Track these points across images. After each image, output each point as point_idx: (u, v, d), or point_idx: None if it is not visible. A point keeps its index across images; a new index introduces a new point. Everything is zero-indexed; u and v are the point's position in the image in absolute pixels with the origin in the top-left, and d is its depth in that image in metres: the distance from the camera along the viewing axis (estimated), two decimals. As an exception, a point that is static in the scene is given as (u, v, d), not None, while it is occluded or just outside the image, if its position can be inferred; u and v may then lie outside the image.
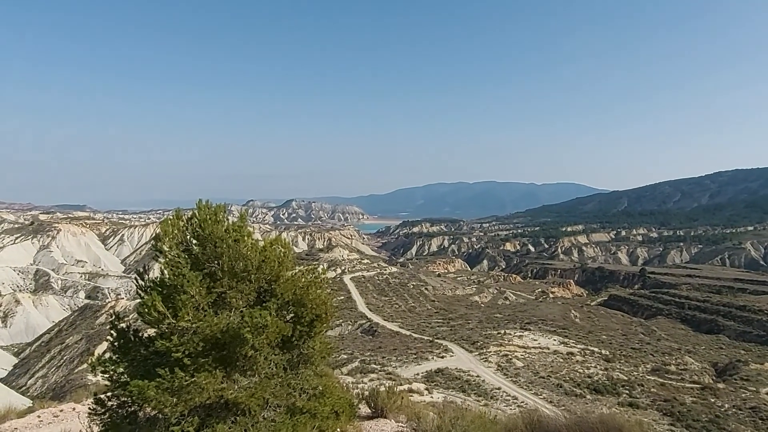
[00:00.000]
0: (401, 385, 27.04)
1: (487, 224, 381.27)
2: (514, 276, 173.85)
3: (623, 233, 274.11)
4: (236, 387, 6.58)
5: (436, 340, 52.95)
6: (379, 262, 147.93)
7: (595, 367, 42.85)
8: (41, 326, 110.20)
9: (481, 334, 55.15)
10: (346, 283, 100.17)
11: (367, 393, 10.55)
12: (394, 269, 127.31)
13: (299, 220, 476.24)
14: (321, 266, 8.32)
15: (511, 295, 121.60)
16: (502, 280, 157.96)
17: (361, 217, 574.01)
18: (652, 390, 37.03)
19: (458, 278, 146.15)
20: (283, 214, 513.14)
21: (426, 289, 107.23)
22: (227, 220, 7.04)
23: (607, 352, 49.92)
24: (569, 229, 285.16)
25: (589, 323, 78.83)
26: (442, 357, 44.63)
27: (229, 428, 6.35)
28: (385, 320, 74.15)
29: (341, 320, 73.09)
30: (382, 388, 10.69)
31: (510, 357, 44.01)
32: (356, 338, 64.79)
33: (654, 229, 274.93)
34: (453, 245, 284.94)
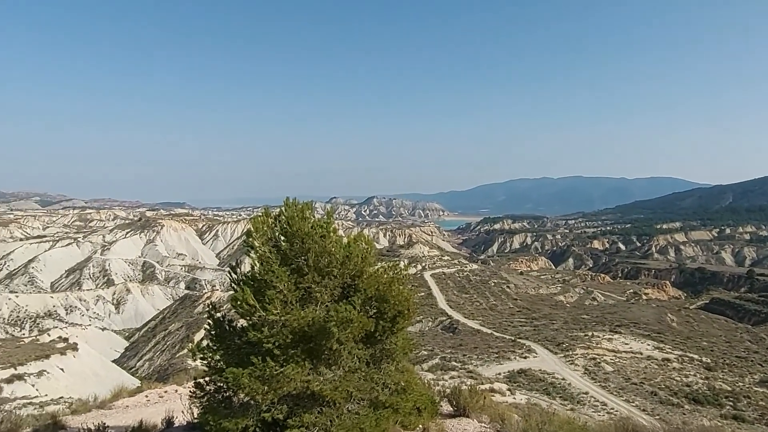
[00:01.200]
0: (482, 384, 26.59)
1: (573, 221, 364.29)
2: (603, 275, 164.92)
3: (728, 231, 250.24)
4: (321, 379, 6.80)
5: (518, 340, 51.56)
6: (459, 259, 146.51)
7: (695, 375, 39.58)
8: (148, 313, 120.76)
9: (567, 336, 52.91)
10: (427, 280, 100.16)
11: (448, 391, 10.49)
12: (474, 266, 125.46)
13: (380, 216, 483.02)
14: (402, 262, 8.37)
15: (600, 295, 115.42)
16: (589, 280, 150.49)
17: (441, 213, 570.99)
18: (760, 403, 33.56)
19: (542, 277, 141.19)
20: (365, 211, 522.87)
21: (508, 287, 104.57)
22: (313, 217, 7.29)
23: (709, 360, 45.93)
24: (665, 226, 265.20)
25: (688, 328, 73.02)
26: (525, 357, 43.37)
27: (316, 418, 6.58)
28: (465, 318, 73.32)
29: (421, 316, 73.23)
30: (464, 387, 10.57)
31: (598, 360, 41.82)
32: (436, 335, 64.62)
33: (764, 227, 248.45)
34: (536, 242, 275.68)
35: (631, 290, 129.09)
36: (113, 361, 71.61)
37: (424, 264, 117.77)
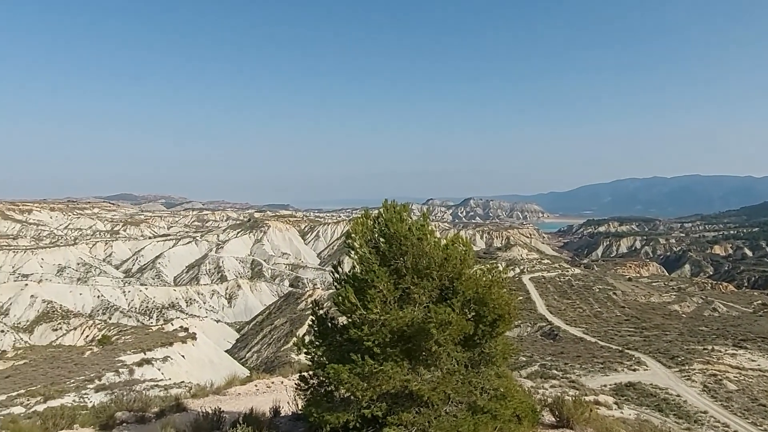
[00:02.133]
0: (586, 395, 25.14)
1: (689, 224, 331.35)
2: (725, 284, 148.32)
3: None
4: (420, 379, 6.85)
5: (626, 351, 48.05)
6: (560, 262, 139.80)
7: None
8: (256, 308, 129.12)
9: (682, 348, 48.36)
10: (525, 284, 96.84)
11: (550, 400, 10.07)
12: (577, 270, 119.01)
13: (477, 218, 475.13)
14: (499, 265, 8.20)
15: (721, 305, 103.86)
16: (709, 288, 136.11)
17: (540, 215, 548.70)
18: None
19: (653, 284, 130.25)
20: (461, 213, 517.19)
21: (614, 293, 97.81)
22: (410, 219, 7.37)
23: None
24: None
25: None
26: (634, 370, 40.32)
27: (414, 418, 6.64)
28: (567, 324, 69.84)
29: (520, 321, 70.90)
30: (568, 397, 10.09)
31: (720, 377, 37.70)
32: (536, 341, 62.26)
33: None
34: (646, 247, 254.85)
35: (760, 301, 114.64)
36: (226, 351, 77.45)
37: (522, 267, 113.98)
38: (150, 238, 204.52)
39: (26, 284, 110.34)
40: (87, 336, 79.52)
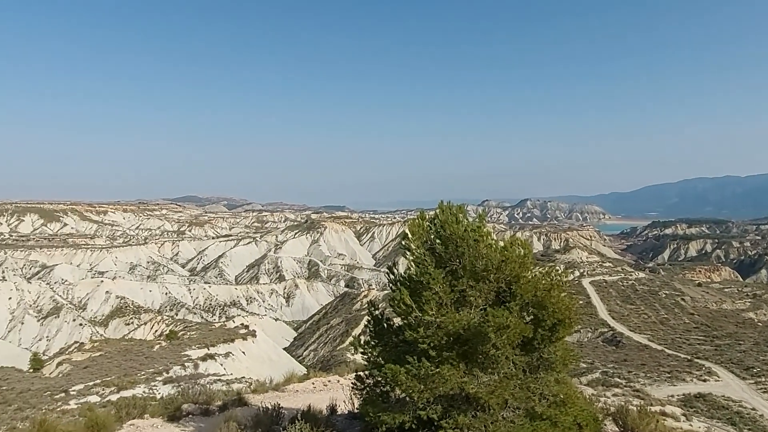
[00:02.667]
0: (652, 405, 23.92)
1: (766, 226, 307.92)
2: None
3: None
4: (477, 382, 6.77)
5: (695, 360, 45.33)
6: (623, 266, 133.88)
7: None
8: (312, 307, 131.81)
9: (758, 359, 45.04)
10: (585, 287, 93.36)
11: (613, 409, 9.68)
12: (641, 275, 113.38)
13: (534, 219, 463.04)
14: (558, 268, 7.96)
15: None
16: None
17: (601, 216, 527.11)
18: None
19: (725, 289, 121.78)
20: (518, 214, 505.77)
21: (683, 299, 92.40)
22: (466, 220, 7.31)
23: None
24: None
25: None
26: (704, 380, 37.97)
27: (470, 421, 6.58)
28: (630, 330, 66.72)
29: (580, 326, 68.40)
30: (632, 407, 9.66)
31: (805, 392, 34.83)
32: (596, 347, 59.89)
33: None
34: (718, 250, 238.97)
35: None
36: (284, 349, 79.55)
37: (582, 270, 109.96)
38: (213, 238, 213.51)
39: (102, 281, 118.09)
40: (156, 331, 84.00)
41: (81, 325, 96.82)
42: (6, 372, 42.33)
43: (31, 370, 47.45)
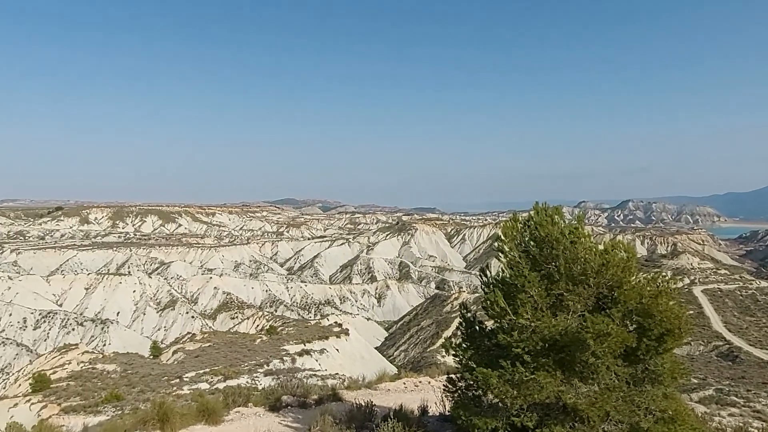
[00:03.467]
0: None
1: None
2: None
3: None
4: (575, 392, 6.47)
5: (839, 383, 39.66)
6: (741, 273, 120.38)
7: None
8: (403, 308, 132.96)
9: None
10: (697, 296, 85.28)
11: (730, 430, 8.76)
12: (763, 284, 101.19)
13: (636, 222, 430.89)
14: (665, 274, 7.36)
15: None
16: None
17: (716, 219, 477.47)
18: None
19: None
20: (618, 216, 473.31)
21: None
22: (563, 222, 7.00)
23: None
24: None
25: None
26: None
27: (567, 432, 6.30)
28: (750, 345, 59.98)
29: (691, 338, 62.55)
30: (752, 429, 8.68)
31: None
32: (710, 361, 54.56)
33: None
34: None
35: None
36: (375, 348, 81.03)
37: (692, 277, 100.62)
38: (309, 239, 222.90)
39: (210, 278, 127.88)
40: (257, 325, 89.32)
41: (193, 317, 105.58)
42: (131, 357, 47.25)
43: (151, 357, 52.55)
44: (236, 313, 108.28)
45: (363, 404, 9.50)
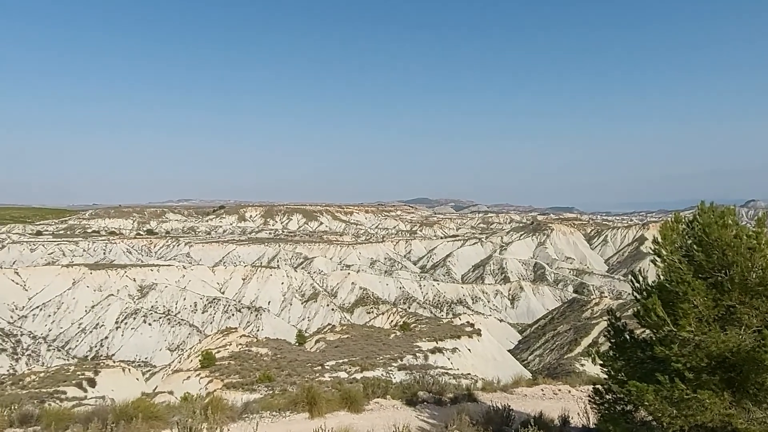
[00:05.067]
0: None
1: None
2: None
3: None
4: (748, 417, 5.71)
5: None
6: None
7: None
8: (538, 311, 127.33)
9: None
10: None
11: None
12: None
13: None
14: None
15: None
16: None
17: None
18: None
19: None
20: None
21: None
22: (737, 224, 6.18)
23: None
24: None
25: None
26: None
27: (740, 462, 5.57)
28: None
29: None
30: None
31: None
32: None
33: None
34: None
35: None
36: (508, 351, 78.72)
37: None
38: (441, 238, 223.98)
39: (348, 273, 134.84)
40: (391, 321, 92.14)
41: (333, 310, 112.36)
42: (280, 343, 51.77)
43: (297, 344, 57.08)
44: (372, 307, 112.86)
45: (500, 407, 9.35)
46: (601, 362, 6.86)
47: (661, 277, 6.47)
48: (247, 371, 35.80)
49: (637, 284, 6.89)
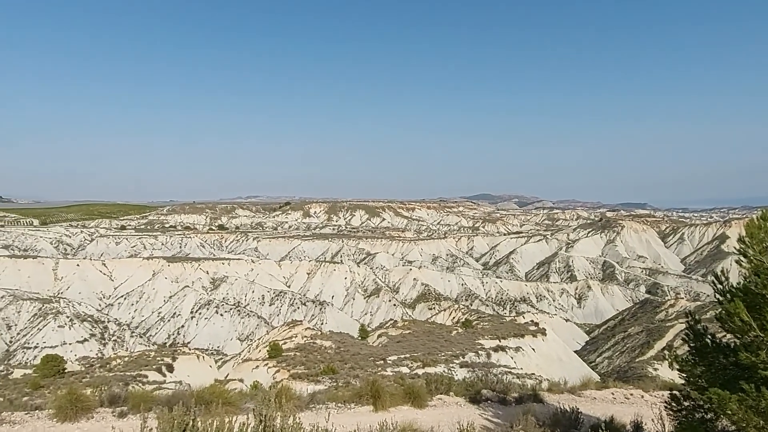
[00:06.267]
0: None
1: None
2: None
3: None
4: None
5: None
6: None
7: None
8: (607, 312, 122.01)
9: None
10: None
11: None
12: None
13: None
14: None
15: None
16: None
17: None
18: None
19: None
20: None
21: None
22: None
23: None
24: None
25: None
26: None
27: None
28: None
29: None
30: None
31: None
32: None
33: None
34: None
35: None
36: (574, 351, 76.00)
37: None
38: (504, 234, 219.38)
39: (410, 269, 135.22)
40: (453, 317, 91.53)
41: (394, 305, 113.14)
42: (343, 337, 52.84)
43: (359, 338, 58.00)
44: (433, 304, 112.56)
45: (568, 409, 9.11)
46: (679, 367, 6.53)
47: (747, 278, 6.07)
48: (312, 363, 36.85)
49: (719, 286, 6.49)
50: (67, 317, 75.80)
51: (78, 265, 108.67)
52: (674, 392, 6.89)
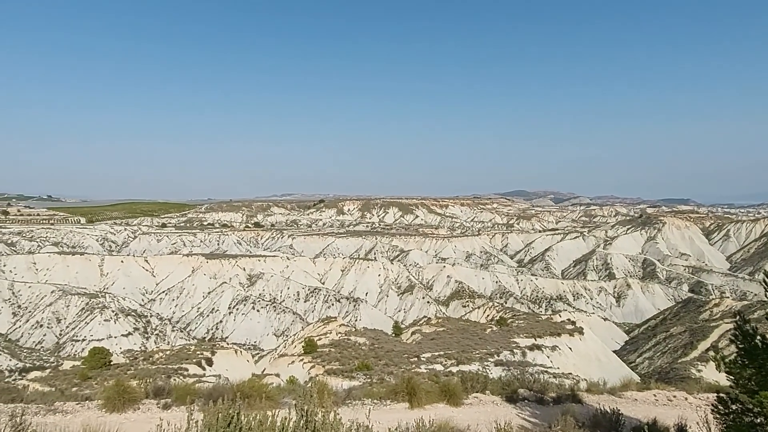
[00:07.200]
0: None
1: None
2: None
3: None
4: None
5: None
6: None
7: None
8: (647, 311, 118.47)
9: None
10: None
11: None
12: None
13: None
14: None
15: None
16: None
17: None
18: None
19: None
20: None
21: None
22: None
23: None
24: None
25: None
26: None
27: None
28: None
29: None
30: None
31: None
32: None
33: None
34: None
35: None
36: (613, 351, 74.15)
37: None
38: (539, 231, 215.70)
39: (444, 266, 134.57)
40: (488, 315, 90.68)
41: (428, 302, 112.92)
42: (377, 333, 53.15)
43: (393, 335, 58.18)
44: (467, 301, 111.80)
45: (608, 411, 8.94)
46: (727, 369, 6.34)
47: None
48: (347, 359, 37.21)
49: (770, 286, 6.27)
50: (113, 311, 78.87)
51: (122, 261, 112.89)
52: (721, 395, 6.68)
